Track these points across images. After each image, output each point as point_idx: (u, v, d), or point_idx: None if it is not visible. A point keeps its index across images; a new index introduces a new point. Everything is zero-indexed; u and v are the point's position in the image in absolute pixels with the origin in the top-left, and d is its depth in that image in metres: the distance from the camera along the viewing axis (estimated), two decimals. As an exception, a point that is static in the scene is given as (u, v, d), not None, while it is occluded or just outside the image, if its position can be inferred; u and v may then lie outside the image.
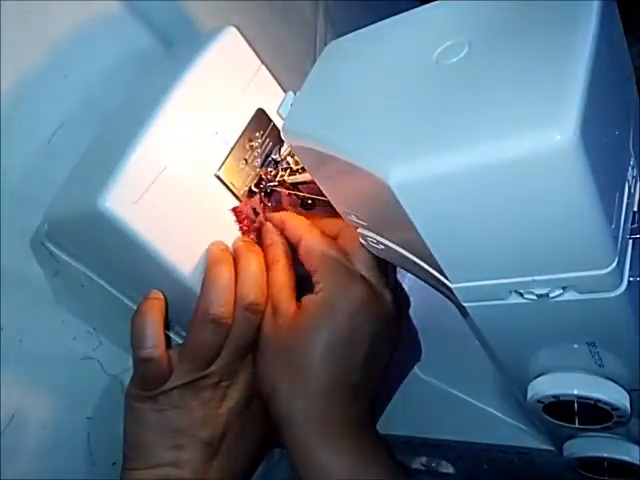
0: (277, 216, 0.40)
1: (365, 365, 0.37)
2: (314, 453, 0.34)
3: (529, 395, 0.32)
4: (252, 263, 0.37)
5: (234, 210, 0.39)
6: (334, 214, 0.35)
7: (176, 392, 0.36)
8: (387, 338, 0.38)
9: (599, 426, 0.33)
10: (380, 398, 0.38)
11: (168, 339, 0.37)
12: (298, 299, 0.38)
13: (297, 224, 0.39)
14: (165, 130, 0.35)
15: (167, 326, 0.37)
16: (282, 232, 0.39)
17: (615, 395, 0.30)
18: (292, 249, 0.39)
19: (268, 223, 0.40)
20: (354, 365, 0.36)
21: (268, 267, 0.38)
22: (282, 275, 0.38)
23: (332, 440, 0.35)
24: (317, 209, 0.41)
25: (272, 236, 0.39)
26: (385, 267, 0.39)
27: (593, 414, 0.32)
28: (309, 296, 0.37)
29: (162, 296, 0.37)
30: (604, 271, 0.24)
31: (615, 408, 0.31)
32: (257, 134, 0.40)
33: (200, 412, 0.37)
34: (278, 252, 0.38)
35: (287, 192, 0.40)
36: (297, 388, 0.35)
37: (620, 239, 0.24)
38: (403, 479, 0.36)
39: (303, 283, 0.38)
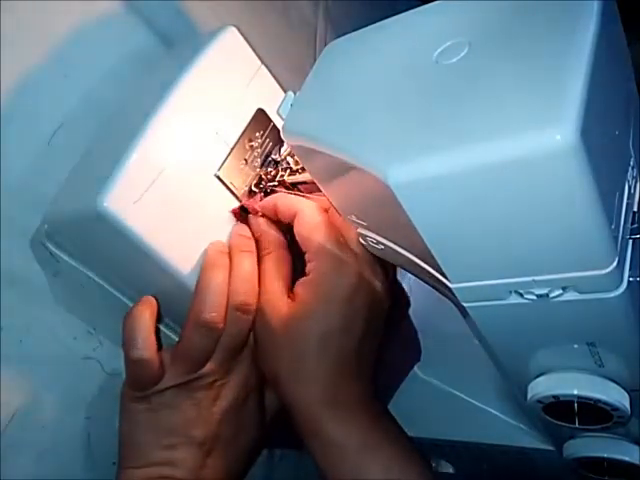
0: (268, 200, 0.39)
1: (362, 343, 0.36)
2: (325, 433, 0.35)
3: (529, 395, 0.32)
4: (243, 262, 0.37)
5: (234, 211, 0.39)
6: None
7: (169, 392, 0.36)
8: (381, 310, 0.38)
9: (599, 426, 0.33)
10: (379, 375, 0.38)
11: (159, 335, 0.37)
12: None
13: (289, 202, 0.37)
14: (165, 130, 0.35)
15: (159, 319, 0.37)
16: (277, 215, 0.38)
17: (615, 395, 0.30)
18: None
19: (254, 216, 0.39)
20: (352, 345, 0.36)
21: (260, 260, 0.37)
22: (272, 266, 0.37)
23: (341, 420, 0.35)
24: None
25: (259, 227, 0.38)
26: None
27: (593, 414, 0.32)
28: (301, 280, 0.37)
29: (154, 301, 0.37)
30: (604, 271, 0.24)
31: (615, 408, 0.31)
32: (257, 134, 0.40)
33: (193, 412, 0.37)
34: (267, 242, 0.38)
35: (287, 192, 0.40)
36: (297, 375, 0.35)
37: (620, 239, 0.24)
38: (419, 459, 0.36)
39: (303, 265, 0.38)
